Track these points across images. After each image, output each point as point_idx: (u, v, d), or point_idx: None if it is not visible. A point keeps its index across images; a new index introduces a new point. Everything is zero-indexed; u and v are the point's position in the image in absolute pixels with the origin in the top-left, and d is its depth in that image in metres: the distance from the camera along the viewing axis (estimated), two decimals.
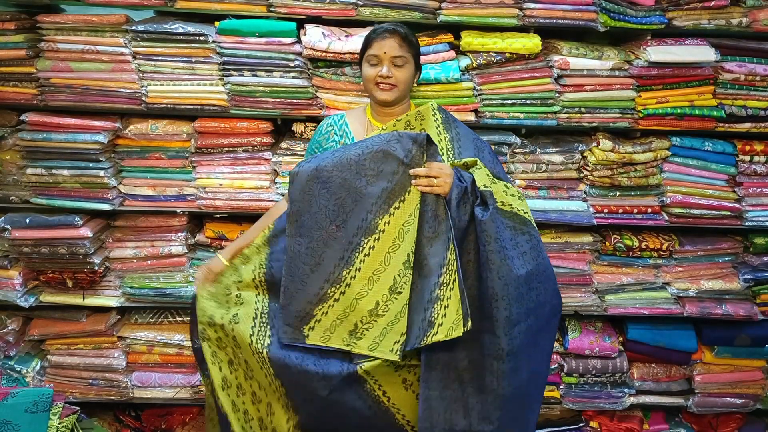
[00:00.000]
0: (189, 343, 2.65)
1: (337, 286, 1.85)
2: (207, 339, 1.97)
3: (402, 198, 1.84)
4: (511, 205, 1.87)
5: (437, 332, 1.75)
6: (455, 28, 2.49)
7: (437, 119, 2.03)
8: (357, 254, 1.84)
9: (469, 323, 1.72)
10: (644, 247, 2.64)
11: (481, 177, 1.86)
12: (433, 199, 1.83)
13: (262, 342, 1.91)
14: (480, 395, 1.81)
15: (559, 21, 2.42)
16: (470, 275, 1.82)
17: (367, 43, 2.04)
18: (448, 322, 1.75)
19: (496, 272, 1.76)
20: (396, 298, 1.82)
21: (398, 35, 2.00)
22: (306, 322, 1.85)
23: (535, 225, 1.92)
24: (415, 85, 2.22)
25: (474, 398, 1.81)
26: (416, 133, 1.87)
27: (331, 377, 1.84)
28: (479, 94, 2.48)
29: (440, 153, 1.95)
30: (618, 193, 2.61)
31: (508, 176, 2.12)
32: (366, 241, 1.84)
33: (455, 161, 1.92)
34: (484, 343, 1.80)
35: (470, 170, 1.89)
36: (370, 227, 1.84)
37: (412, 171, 1.83)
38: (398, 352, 1.78)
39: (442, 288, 1.78)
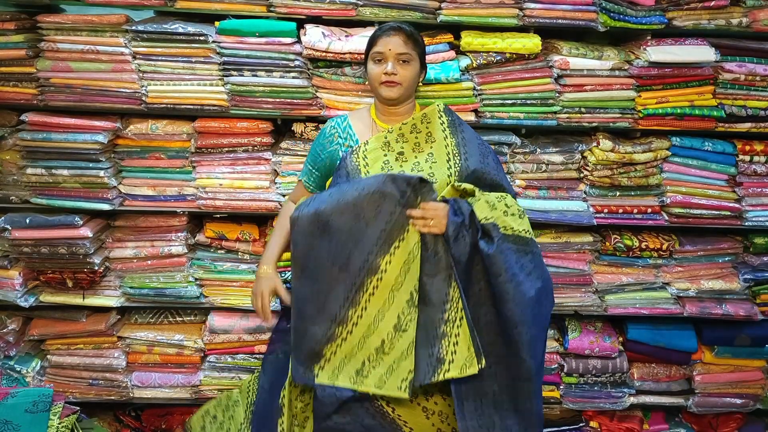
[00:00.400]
0: (189, 343, 2.66)
1: (344, 326, 1.86)
2: None
3: (401, 237, 1.85)
4: (512, 228, 1.88)
5: (449, 369, 1.78)
6: (455, 28, 2.49)
7: (443, 122, 2.03)
8: (362, 294, 1.85)
9: (483, 361, 1.77)
10: (644, 247, 2.64)
11: (482, 209, 1.87)
12: (431, 237, 1.85)
13: None
14: (518, 415, 1.85)
15: (559, 21, 2.42)
16: (484, 303, 1.85)
17: (373, 41, 2.04)
18: (460, 359, 1.78)
19: (512, 301, 1.79)
20: (401, 336, 1.83)
21: (403, 32, 2.00)
22: (316, 361, 1.86)
23: (534, 239, 1.94)
24: (420, 84, 2.22)
25: (512, 420, 1.85)
26: (409, 174, 1.88)
27: (342, 392, 1.88)
28: (479, 94, 2.48)
29: (447, 158, 1.96)
30: (618, 193, 2.61)
31: (508, 179, 2.13)
32: (369, 281, 1.85)
33: (457, 185, 1.93)
34: (510, 367, 1.83)
35: (469, 200, 1.90)
36: (372, 267, 1.85)
37: (408, 212, 1.85)
38: (406, 389, 1.80)
39: (448, 324, 1.81)
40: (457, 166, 1.96)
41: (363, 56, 2.33)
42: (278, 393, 2.03)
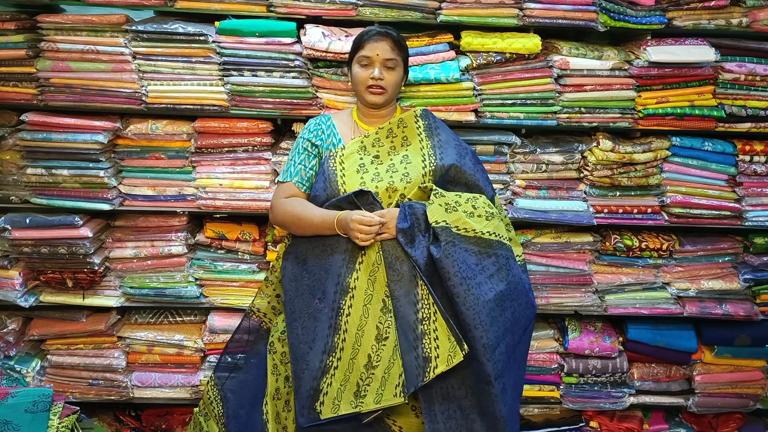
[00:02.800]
0: (189, 343, 2.66)
1: (333, 354, 1.88)
2: (274, 352, 2.07)
3: (363, 252, 1.92)
4: (474, 230, 1.89)
5: (437, 365, 1.79)
6: (455, 28, 2.50)
7: (420, 126, 2.08)
8: (341, 317, 1.89)
9: (465, 346, 1.78)
10: (644, 247, 2.64)
11: (434, 211, 1.89)
12: (389, 244, 1.90)
13: None
14: (483, 419, 1.85)
15: (559, 21, 2.42)
16: (447, 306, 1.86)
17: (359, 45, 2.07)
18: (444, 351, 1.80)
19: (463, 304, 1.81)
20: (385, 345, 1.85)
21: (391, 38, 2.04)
22: (316, 398, 1.87)
23: (504, 242, 1.94)
24: (417, 85, 2.23)
25: (478, 423, 1.85)
26: (346, 194, 1.96)
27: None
28: (479, 94, 2.48)
29: (423, 158, 2.01)
30: (618, 193, 2.61)
31: (490, 181, 2.14)
32: (344, 302, 1.89)
33: (423, 186, 1.96)
34: (473, 370, 1.84)
35: (428, 200, 1.92)
36: (344, 288, 1.90)
37: (352, 225, 1.87)
38: (401, 394, 1.80)
39: (424, 323, 1.83)
40: (432, 165, 2.00)
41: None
42: (254, 407, 2.06)
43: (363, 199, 1.96)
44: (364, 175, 2.01)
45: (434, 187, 1.95)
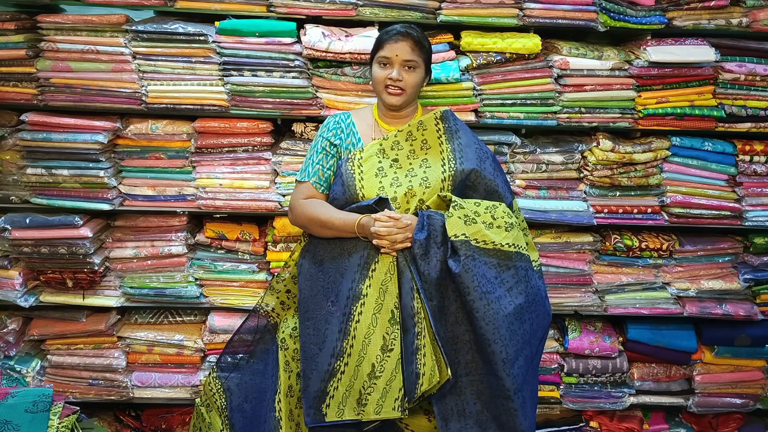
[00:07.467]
0: (189, 343, 2.66)
1: (341, 359, 1.88)
2: (285, 348, 2.06)
3: (376, 260, 1.91)
4: (493, 242, 1.87)
5: (422, 383, 1.80)
6: (455, 28, 2.50)
7: (440, 129, 2.04)
8: (351, 323, 1.88)
9: (449, 371, 1.78)
10: (644, 247, 2.64)
11: (453, 225, 1.86)
12: (403, 254, 1.89)
13: None
14: None
15: (559, 21, 2.42)
16: (462, 321, 1.87)
17: (379, 44, 2.01)
18: (428, 370, 1.80)
19: (482, 319, 1.80)
20: (389, 357, 1.84)
21: (411, 39, 1.98)
22: (323, 400, 1.88)
23: (523, 252, 1.92)
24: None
25: None
26: (365, 202, 1.94)
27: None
28: (479, 94, 2.48)
29: (442, 162, 1.98)
30: (618, 193, 2.61)
31: (509, 184, 2.11)
32: (355, 308, 1.89)
33: (442, 194, 1.94)
34: (490, 385, 1.84)
35: (447, 212, 1.90)
36: (356, 294, 1.89)
37: (373, 229, 1.86)
38: (399, 408, 1.81)
39: (419, 338, 1.83)
40: (452, 169, 1.97)
41: (363, 56, 2.34)
42: (260, 401, 2.05)
43: (382, 207, 1.92)
44: (383, 179, 1.97)
45: (453, 198, 1.91)
